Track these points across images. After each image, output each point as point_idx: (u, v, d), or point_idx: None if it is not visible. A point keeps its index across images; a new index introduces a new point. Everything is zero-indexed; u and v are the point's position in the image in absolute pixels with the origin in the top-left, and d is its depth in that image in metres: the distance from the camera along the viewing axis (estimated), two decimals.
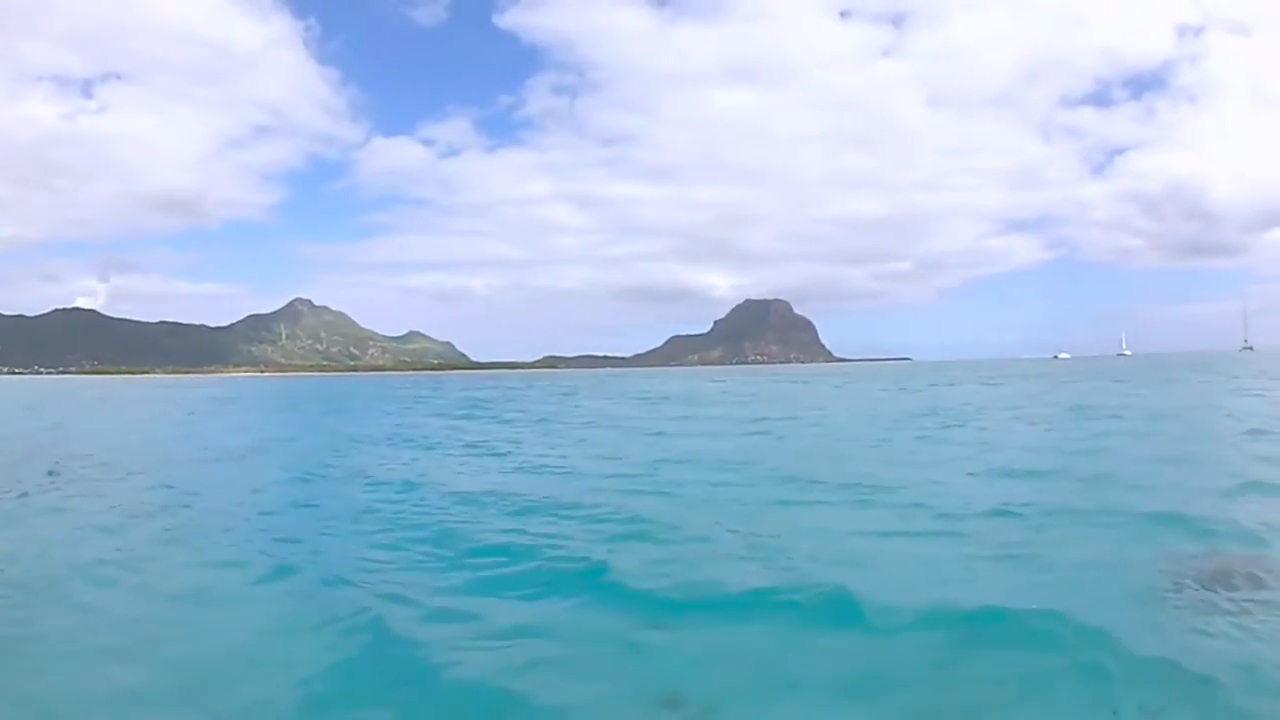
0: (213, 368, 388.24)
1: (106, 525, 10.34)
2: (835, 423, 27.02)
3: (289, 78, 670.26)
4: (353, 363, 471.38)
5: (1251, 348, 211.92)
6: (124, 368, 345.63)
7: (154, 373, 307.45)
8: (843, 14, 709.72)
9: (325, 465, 16.62)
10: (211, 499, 12.22)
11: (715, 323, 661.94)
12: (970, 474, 13.57)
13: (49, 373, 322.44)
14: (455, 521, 10.16)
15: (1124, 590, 6.77)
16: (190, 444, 22.79)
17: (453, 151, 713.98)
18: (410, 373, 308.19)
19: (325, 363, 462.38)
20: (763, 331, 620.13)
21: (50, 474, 15.09)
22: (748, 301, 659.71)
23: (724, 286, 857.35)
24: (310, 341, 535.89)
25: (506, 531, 9.49)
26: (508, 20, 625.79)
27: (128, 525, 10.35)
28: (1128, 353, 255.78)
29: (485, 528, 9.67)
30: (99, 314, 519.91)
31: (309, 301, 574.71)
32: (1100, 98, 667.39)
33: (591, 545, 8.75)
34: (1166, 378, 54.29)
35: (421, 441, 21.73)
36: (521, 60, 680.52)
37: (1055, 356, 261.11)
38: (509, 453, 18.65)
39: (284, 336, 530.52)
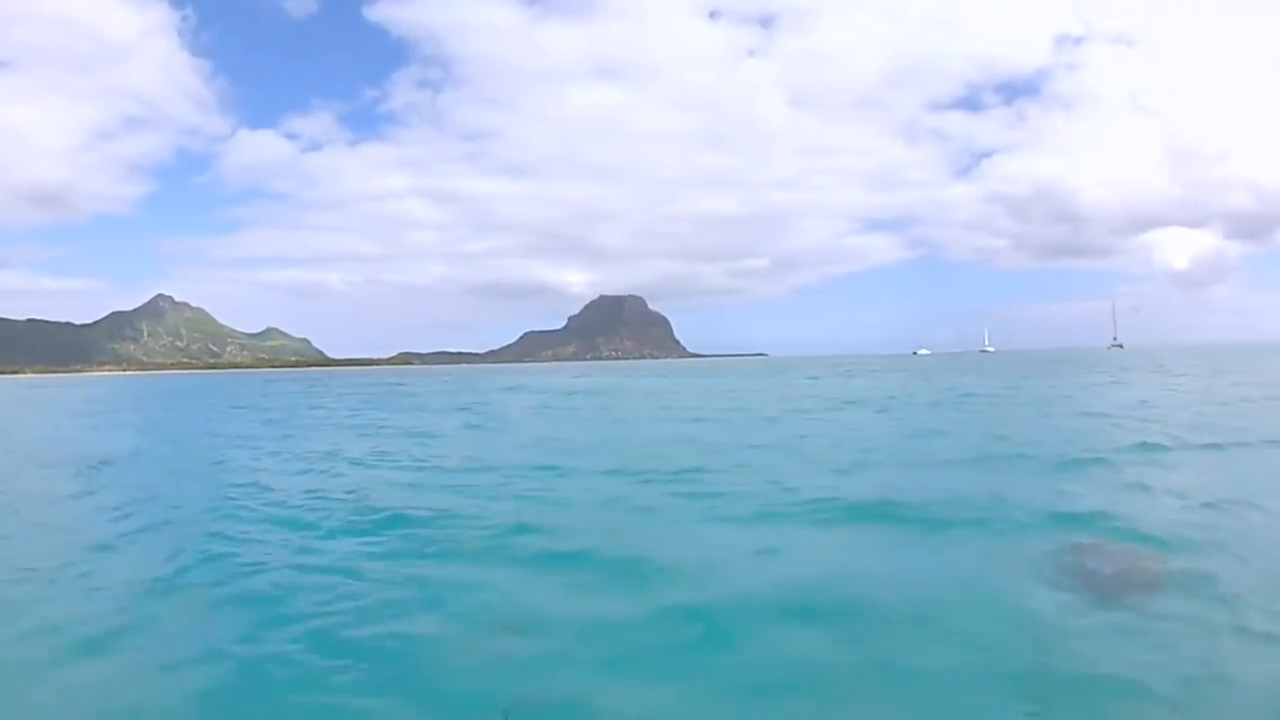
0: (79, 366, 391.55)
1: None
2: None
3: (162, 68, 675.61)
4: (212, 360, 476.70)
5: (1121, 345, 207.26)
6: None
7: (24, 373, 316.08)
8: (712, 14, 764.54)
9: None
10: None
11: (569, 319, 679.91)
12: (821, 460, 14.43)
13: None
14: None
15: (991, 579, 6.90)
16: None
17: (315, 146, 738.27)
18: (272, 369, 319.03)
19: (186, 360, 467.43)
20: (617, 328, 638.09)
21: None
22: (602, 298, 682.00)
23: (579, 283, 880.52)
24: (171, 339, 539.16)
25: None
26: (378, 13, 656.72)
27: None
28: (990, 350, 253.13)
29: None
30: None
31: (170, 298, 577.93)
32: (970, 102, 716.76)
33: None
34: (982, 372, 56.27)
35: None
36: (388, 54, 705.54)
37: (914, 353, 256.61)
38: None
39: (146, 334, 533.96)
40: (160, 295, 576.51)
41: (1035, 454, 14.37)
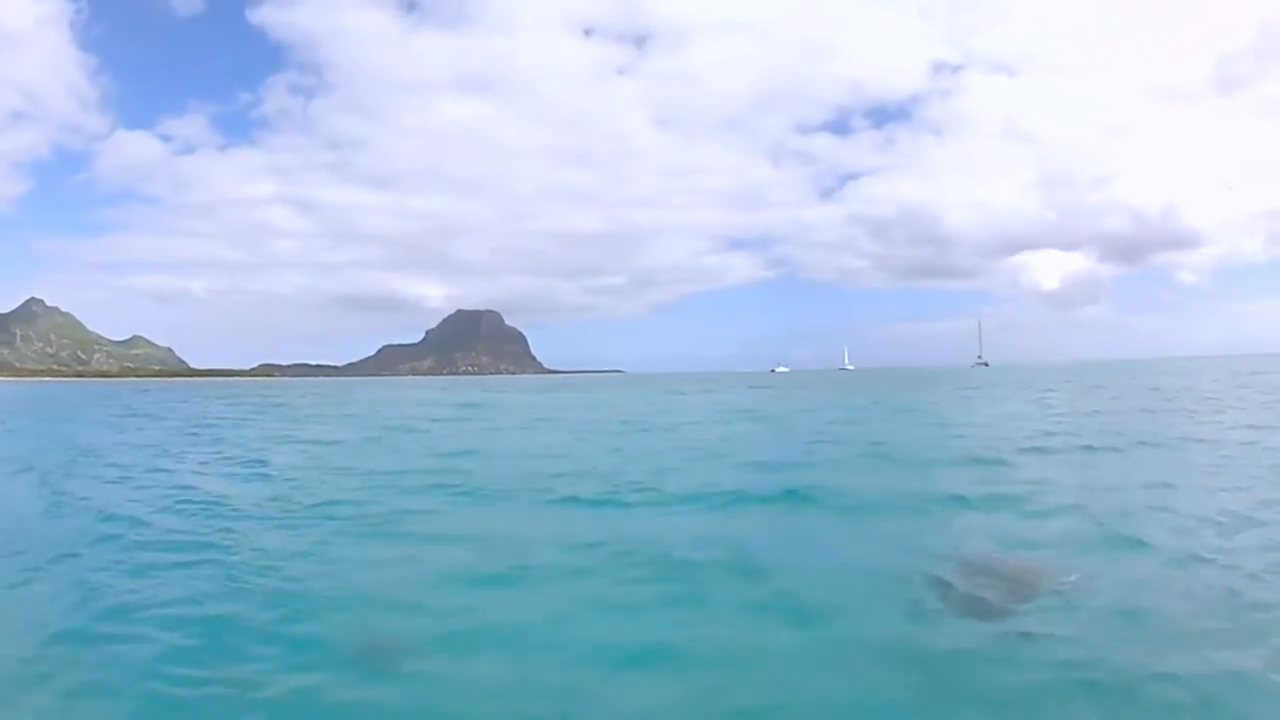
0: None
1: None
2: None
3: (51, 62, 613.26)
4: (81, 368, 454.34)
5: (986, 364, 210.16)
6: None
7: None
8: (586, 31, 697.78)
9: None
10: None
11: (427, 333, 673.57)
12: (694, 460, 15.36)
13: None
14: None
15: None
16: None
17: (188, 149, 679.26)
18: (139, 380, 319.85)
19: (56, 367, 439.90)
20: (474, 343, 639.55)
21: None
22: (459, 312, 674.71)
23: (437, 297, 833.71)
24: (42, 345, 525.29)
25: None
26: (260, 15, 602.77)
27: None
28: (850, 367, 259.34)
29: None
30: None
31: (42, 302, 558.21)
32: (838, 126, 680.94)
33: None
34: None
35: None
36: (266, 57, 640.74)
37: (772, 370, 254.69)
38: None
39: (19, 339, 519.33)
40: (33, 299, 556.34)
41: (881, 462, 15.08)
